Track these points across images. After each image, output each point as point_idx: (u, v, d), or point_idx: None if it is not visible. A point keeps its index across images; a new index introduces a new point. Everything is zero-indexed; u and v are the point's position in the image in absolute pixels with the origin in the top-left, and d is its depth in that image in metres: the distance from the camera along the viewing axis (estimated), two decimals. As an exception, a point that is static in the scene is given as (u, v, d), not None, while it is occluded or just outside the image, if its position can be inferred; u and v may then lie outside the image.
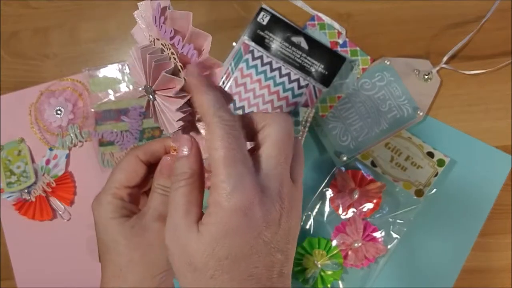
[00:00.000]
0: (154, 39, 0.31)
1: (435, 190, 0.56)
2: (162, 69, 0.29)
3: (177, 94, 0.29)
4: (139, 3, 0.31)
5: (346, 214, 0.56)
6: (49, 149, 0.59)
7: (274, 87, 0.56)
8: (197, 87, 0.29)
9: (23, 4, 0.62)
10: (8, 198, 0.58)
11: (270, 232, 0.27)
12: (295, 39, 0.57)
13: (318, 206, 0.57)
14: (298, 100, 0.56)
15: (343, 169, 0.56)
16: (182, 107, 0.30)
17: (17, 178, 0.58)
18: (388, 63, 0.57)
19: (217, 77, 0.30)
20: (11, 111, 0.60)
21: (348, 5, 0.59)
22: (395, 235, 0.56)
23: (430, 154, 0.56)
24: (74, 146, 0.60)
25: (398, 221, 0.56)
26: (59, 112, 0.59)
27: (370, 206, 0.55)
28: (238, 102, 0.56)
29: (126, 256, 0.33)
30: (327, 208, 0.57)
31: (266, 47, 0.57)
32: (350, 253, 0.56)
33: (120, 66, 0.59)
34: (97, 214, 0.35)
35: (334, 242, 0.56)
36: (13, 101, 0.60)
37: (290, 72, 0.56)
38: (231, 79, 0.57)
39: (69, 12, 0.61)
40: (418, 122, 0.56)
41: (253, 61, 0.56)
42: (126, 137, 0.58)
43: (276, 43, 0.57)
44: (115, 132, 0.58)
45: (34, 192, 0.59)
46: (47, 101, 0.59)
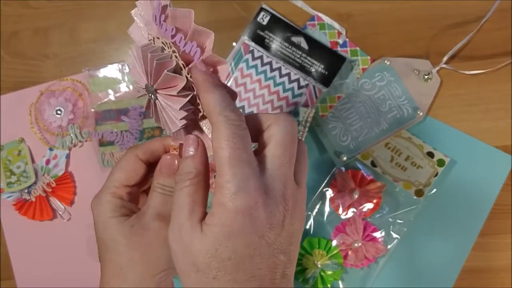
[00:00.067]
0: (153, 38, 0.30)
1: (435, 190, 0.56)
2: (164, 67, 0.29)
3: (179, 92, 0.29)
4: (138, 2, 0.30)
5: (346, 214, 0.56)
6: (49, 149, 0.59)
7: (274, 87, 0.56)
8: (203, 85, 0.28)
9: (23, 4, 0.62)
10: (8, 198, 0.58)
11: (274, 233, 0.27)
12: (295, 39, 0.57)
13: (318, 206, 0.57)
14: (298, 100, 0.56)
15: (343, 169, 0.56)
16: (185, 106, 0.29)
17: (17, 178, 0.58)
18: (388, 63, 0.57)
19: (222, 74, 0.30)
20: (11, 111, 0.60)
21: (348, 5, 0.59)
22: (395, 235, 0.56)
23: (430, 154, 0.56)
24: (74, 146, 0.60)
25: (398, 221, 0.56)
26: (59, 112, 0.59)
27: (370, 206, 0.55)
28: (238, 102, 0.56)
29: (126, 255, 0.33)
30: (327, 208, 0.57)
31: (266, 47, 0.57)
32: (350, 253, 0.56)
33: (120, 66, 0.59)
34: (96, 213, 0.34)
35: (334, 242, 0.56)
36: (13, 101, 0.60)
37: (290, 72, 0.56)
38: (231, 79, 0.57)
39: (69, 12, 0.61)
40: (418, 122, 0.56)
41: (253, 61, 0.56)
42: (126, 137, 0.58)
43: (276, 43, 0.57)
44: (115, 132, 0.58)
45: (34, 192, 0.59)
46: (47, 101, 0.59)
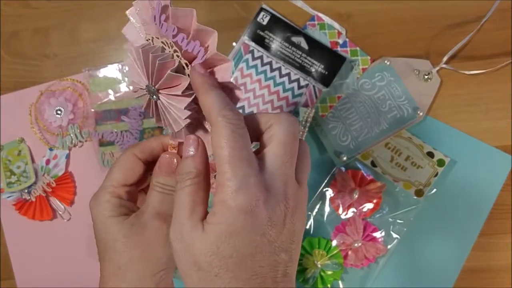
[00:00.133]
0: (152, 38, 0.30)
1: (435, 190, 0.56)
2: (166, 68, 0.29)
3: (183, 92, 0.29)
4: (134, 2, 0.30)
5: (346, 214, 0.56)
6: (49, 149, 0.59)
7: (274, 87, 0.56)
8: (201, 87, 0.28)
9: (23, 4, 0.62)
10: (8, 198, 0.58)
11: (275, 231, 0.27)
12: (295, 39, 0.57)
13: (318, 206, 0.57)
14: (298, 100, 0.56)
15: (343, 169, 0.56)
16: (189, 105, 0.29)
17: (17, 178, 0.58)
18: (388, 63, 0.57)
19: (226, 72, 0.30)
20: (11, 111, 0.60)
21: (348, 5, 0.59)
22: (395, 235, 0.56)
23: (430, 154, 0.56)
24: (74, 146, 0.60)
25: (398, 221, 0.56)
26: (59, 112, 0.59)
27: (370, 206, 0.55)
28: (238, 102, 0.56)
29: (126, 254, 0.33)
30: (327, 208, 0.57)
31: (266, 47, 0.57)
32: (350, 253, 0.56)
33: (120, 66, 0.59)
34: (95, 212, 0.34)
35: (334, 242, 0.56)
36: (13, 101, 0.60)
37: (290, 72, 0.56)
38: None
39: (69, 12, 0.61)
40: (418, 122, 0.56)
41: (253, 61, 0.56)
42: (126, 137, 0.58)
43: (276, 43, 0.57)
44: (115, 132, 0.58)
45: (34, 192, 0.59)
46: (47, 101, 0.59)
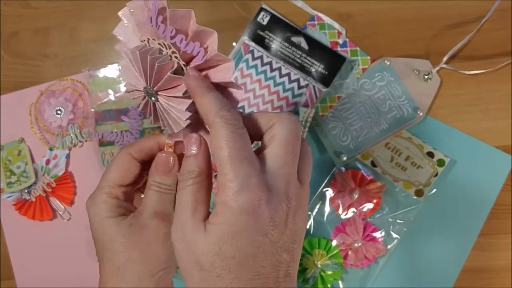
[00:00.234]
0: (148, 39, 0.30)
1: (435, 190, 0.56)
2: (165, 69, 0.29)
3: (184, 93, 0.29)
4: (128, 3, 0.30)
5: (346, 214, 0.56)
6: (49, 149, 0.59)
7: (274, 87, 0.56)
8: (196, 90, 0.28)
9: (23, 4, 0.62)
10: (8, 198, 0.58)
11: (277, 231, 0.27)
12: (295, 39, 0.57)
13: (318, 206, 0.57)
14: (298, 100, 0.56)
15: (343, 169, 0.56)
16: (190, 106, 0.29)
17: (17, 178, 0.58)
18: (388, 63, 0.57)
19: (228, 72, 0.30)
20: (11, 111, 0.60)
21: (348, 5, 0.59)
22: (395, 235, 0.56)
23: (430, 154, 0.56)
24: (74, 146, 0.60)
25: (398, 221, 0.56)
26: (59, 112, 0.59)
27: (370, 206, 0.55)
28: (238, 102, 0.56)
29: (125, 255, 0.33)
30: (327, 208, 0.57)
31: (266, 47, 0.57)
32: (350, 253, 0.56)
33: (120, 66, 0.59)
34: (92, 213, 0.34)
35: (334, 242, 0.56)
36: (13, 101, 0.60)
37: (290, 72, 0.56)
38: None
39: (69, 12, 0.61)
40: (418, 122, 0.56)
41: (253, 61, 0.56)
42: (126, 137, 0.58)
43: (276, 43, 0.57)
44: (115, 132, 0.58)
45: (34, 192, 0.59)
46: (47, 101, 0.59)
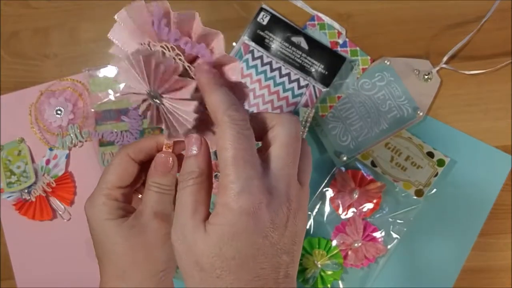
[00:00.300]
0: (149, 42, 0.30)
1: (435, 190, 0.56)
2: (171, 72, 0.28)
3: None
4: (126, 7, 0.29)
5: (346, 214, 0.56)
6: (49, 149, 0.59)
7: (274, 87, 0.56)
8: (206, 86, 0.28)
9: (23, 4, 0.62)
10: (8, 198, 0.58)
11: (277, 233, 0.27)
12: (295, 39, 0.57)
13: (318, 206, 0.57)
14: (298, 100, 0.56)
15: (343, 169, 0.56)
16: (197, 108, 0.29)
17: (17, 178, 0.58)
18: (388, 63, 0.57)
19: (234, 72, 0.29)
20: (11, 111, 0.60)
21: (348, 5, 0.59)
22: (395, 235, 0.56)
23: (430, 154, 0.56)
24: (74, 146, 0.60)
25: (398, 221, 0.56)
26: (59, 112, 0.59)
27: (370, 206, 0.55)
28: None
29: (127, 257, 0.32)
30: (327, 208, 0.57)
31: (266, 47, 0.57)
32: (350, 253, 0.56)
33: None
34: (92, 216, 0.34)
35: (334, 242, 0.56)
36: (13, 101, 0.60)
37: (290, 72, 0.56)
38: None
39: (69, 12, 0.61)
40: (418, 122, 0.56)
41: (253, 61, 0.56)
42: (126, 137, 0.58)
43: (276, 43, 0.57)
44: (115, 132, 0.58)
45: (34, 192, 0.59)
46: (47, 101, 0.59)
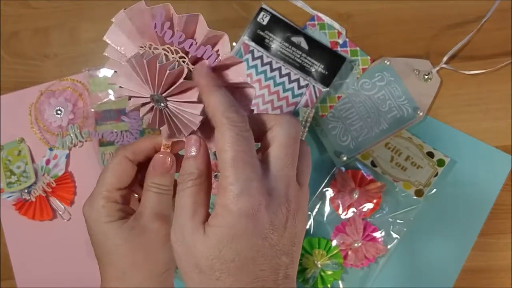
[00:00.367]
0: (150, 45, 0.30)
1: (435, 190, 0.56)
2: (176, 75, 0.28)
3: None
4: (126, 10, 0.29)
5: (346, 214, 0.56)
6: (49, 149, 0.59)
7: (274, 87, 0.56)
8: (205, 88, 0.28)
9: (23, 4, 0.62)
10: (8, 198, 0.58)
11: (277, 235, 0.27)
12: (295, 39, 0.57)
13: (318, 206, 0.57)
14: (298, 100, 0.56)
15: (343, 169, 0.56)
16: (203, 110, 0.29)
17: (17, 178, 0.58)
18: (388, 63, 0.57)
19: (240, 72, 0.29)
20: (11, 111, 0.60)
21: (348, 5, 0.59)
22: (395, 235, 0.56)
23: (430, 154, 0.56)
24: (74, 146, 0.60)
25: (398, 221, 0.56)
26: (59, 112, 0.59)
27: (370, 206, 0.55)
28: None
29: (128, 259, 0.32)
30: (327, 208, 0.57)
31: (266, 47, 0.57)
32: (350, 253, 0.56)
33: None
34: (91, 218, 0.34)
35: (334, 242, 0.56)
36: (13, 101, 0.60)
37: (290, 72, 0.56)
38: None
39: (69, 12, 0.61)
40: (418, 122, 0.56)
41: (253, 61, 0.56)
42: (126, 137, 0.58)
43: (276, 43, 0.57)
44: (115, 132, 0.58)
45: (34, 192, 0.59)
46: (47, 101, 0.59)
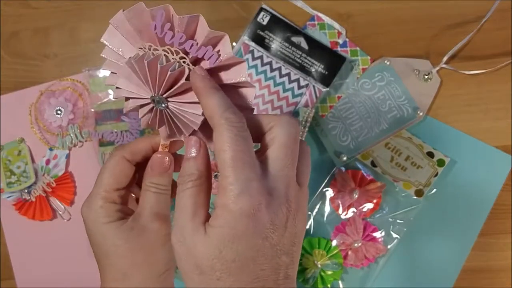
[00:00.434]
0: (149, 46, 0.30)
1: (435, 190, 0.56)
2: (176, 76, 0.28)
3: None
4: (125, 11, 0.29)
5: (346, 214, 0.56)
6: (49, 149, 0.59)
7: (274, 87, 0.56)
8: (202, 90, 0.28)
9: (23, 4, 0.62)
10: (8, 198, 0.58)
11: (277, 235, 0.27)
12: (295, 39, 0.57)
13: (318, 206, 0.57)
14: (298, 100, 0.56)
15: (343, 169, 0.56)
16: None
17: (17, 178, 0.58)
18: (388, 63, 0.57)
19: (241, 72, 0.30)
20: (11, 111, 0.60)
21: (348, 5, 0.59)
22: (395, 235, 0.56)
23: (430, 154, 0.56)
24: (74, 146, 0.60)
25: (398, 221, 0.56)
26: (59, 112, 0.59)
27: (370, 206, 0.55)
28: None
29: (128, 259, 0.32)
30: (327, 208, 0.57)
31: (266, 47, 0.57)
32: (350, 253, 0.56)
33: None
34: (90, 220, 0.33)
35: (334, 242, 0.56)
36: (13, 101, 0.60)
37: (290, 72, 0.56)
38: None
39: (69, 12, 0.61)
40: (418, 122, 0.56)
41: (253, 61, 0.56)
42: (126, 137, 0.58)
43: (276, 43, 0.57)
44: (115, 132, 0.58)
45: (34, 192, 0.59)
46: (47, 101, 0.59)
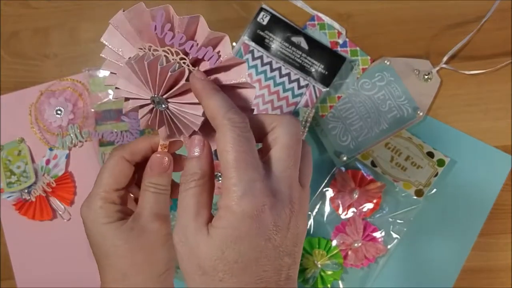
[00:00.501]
0: (149, 47, 0.30)
1: (435, 190, 0.56)
2: (177, 77, 0.28)
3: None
4: (125, 12, 0.29)
5: (346, 214, 0.56)
6: (49, 149, 0.59)
7: (274, 87, 0.56)
8: (203, 92, 0.28)
9: (23, 4, 0.62)
10: (8, 198, 0.58)
11: (280, 236, 0.27)
12: (295, 39, 0.57)
13: (318, 206, 0.57)
14: (298, 100, 0.56)
15: (343, 169, 0.56)
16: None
17: (17, 178, 0.58)
18: (388, 63, 0.57)
19: (241, 72, 0.30)
20: (11, 111, 0.60)
21: (348, 5, 0.59)
22: (395, 235, 0.56)
23: (430, 154, 0.56)
24: (74, 146, 0.60)
25: (398, 221, 0.56)
26: (59, 112, 0.59)
27: (370, 206, 0.55)
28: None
29: (128, 260, 0.32)
30: (327, 208, 0.57)
31: (266, 47, 0.57)
32: (350, 253, 0.56)
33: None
34: (89, 220, 0.33)
35: (334, 242, 0.56)
36: (13, 101, 0.60)
37: (290, 72, 0.56)
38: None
39: (69, 12, 0.61)
40: (418, 122, 0.56)
41: (253, 61, 0.56)
42: (126, 137, 0.58)
43: (276, 43, 0.57)
44: (115, 132, 0.58)
45: (34, 192, 0.59)
46: (47, 101, 0.59)
